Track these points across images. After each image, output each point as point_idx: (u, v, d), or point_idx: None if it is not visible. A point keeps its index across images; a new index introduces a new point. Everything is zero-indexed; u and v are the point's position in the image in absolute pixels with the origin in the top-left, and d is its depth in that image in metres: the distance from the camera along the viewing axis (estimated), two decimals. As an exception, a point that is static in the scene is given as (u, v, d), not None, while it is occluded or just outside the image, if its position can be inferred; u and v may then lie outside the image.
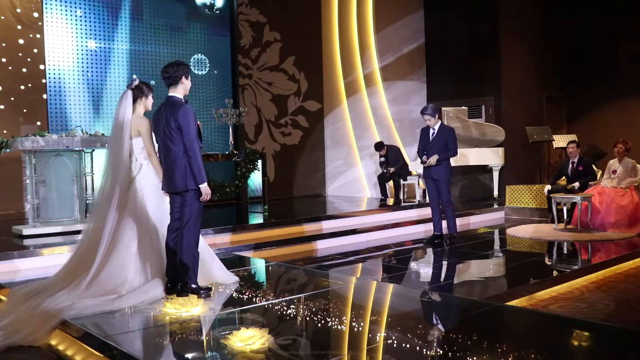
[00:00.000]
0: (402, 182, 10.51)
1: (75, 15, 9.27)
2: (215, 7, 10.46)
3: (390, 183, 10.91)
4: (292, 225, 7.64)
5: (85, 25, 9.36)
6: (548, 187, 8.60)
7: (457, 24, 11.92)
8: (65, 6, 9.21)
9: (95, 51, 9.49)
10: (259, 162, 9.98)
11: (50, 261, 5.51)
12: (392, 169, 10.38)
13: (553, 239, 7.58)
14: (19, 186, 8.38)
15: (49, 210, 6.66)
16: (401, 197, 10.55)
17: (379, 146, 10.57)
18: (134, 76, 9.44)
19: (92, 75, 9.46)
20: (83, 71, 9.37)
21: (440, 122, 7.18)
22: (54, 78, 9.09)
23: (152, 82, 4.75)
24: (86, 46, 9.39)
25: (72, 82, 9.27)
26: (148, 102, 4.69)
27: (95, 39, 9.48)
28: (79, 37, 9.33)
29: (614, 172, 8.20)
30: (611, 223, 7.83)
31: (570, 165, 8.50)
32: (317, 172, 12.01)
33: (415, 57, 12.57)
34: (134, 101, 4.60)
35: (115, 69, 9.67)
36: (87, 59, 9.40)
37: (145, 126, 4.52)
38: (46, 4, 9.04)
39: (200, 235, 4.57)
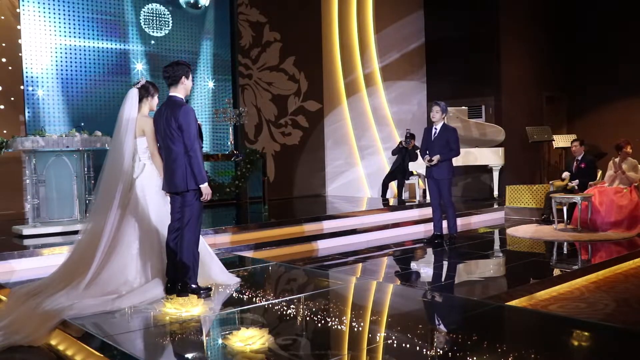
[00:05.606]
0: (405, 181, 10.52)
1: (57, 13, 9.12)
2: (200, 5, 10.39)
3: (393, 185, 10.89)
4: (292, 225, 7.64)
5: (69, 23, 9.24)
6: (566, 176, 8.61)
7: (457, 23, 11.92)
8: (45, 3, 9.03)
9: (82, 50, 9.36)
10: (259, 162, 9.99)
11: (50, 261, 5.49)
12: (412, 143, 10.20)
13: (553, 239, 7.58)
14: (19, 186, 8.38)
15: (49, 210, 6.67)
16: (404, 197, 10.56)
17: (412, 136, 10.37)
18: (141, 75, 9.40)
19: (81, 76, 9.35)
20: (66, 70, 9.21)
21: (443, 122, 7.20)
22: (32, 76, 8.93)
23: (143, 82, 4.72)
24: (70, 45, 9.22)
25: (54, 80, 9.09)
26: (153, 102, 4.70)
27: (82, 37, 9.36)
28: (61, 35, 9.16)
29: (618, 168, 8.19)
30: (611, 223, 7.82)
31: (575, 162, 8.51)
32: (317, 172, 12.01)
33: (415, 57, 12.57)
34: (140, 100, 4.60)
35: (104, 69, 9.58)
36: (72, 58, 9.26)
37: (150, 126, 4.52)
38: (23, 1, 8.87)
39: (201, 237, 4.57)
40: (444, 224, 7.33)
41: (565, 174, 8.57)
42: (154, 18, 9.98)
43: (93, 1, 9.47)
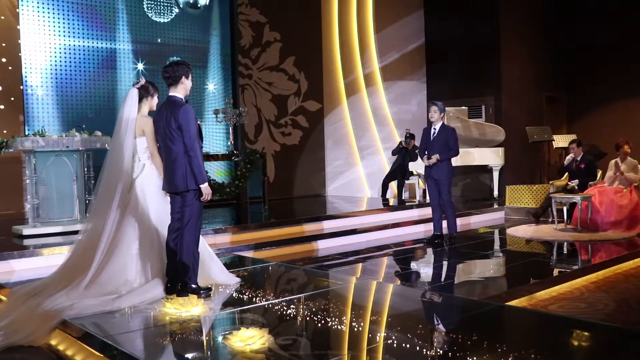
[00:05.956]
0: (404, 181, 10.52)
1: (56, 13, 9.10)
2: (199, 4, 10.39)
3: (393, 185, 10.89)
4: (292, 225, 7.64)
5: (69, 23, 9.22)
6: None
7: (457, 24, 11.92)
8: (43, 3, 9.01)
9: (78, 50, 9.33)
10: (259, 162, 9.99)
11: (50, 261, 5.50)
12: (412, 143, 10.20)
13: (553, 239, 7.58)
14: (19, 186, 8.38)
15: (49, 210, 6.66)
16: (404, 197, 10.56)
17: (411, 136, 10.36)
18: (141, 75, 9.40)
19: (81, 75, 9.33)
20: (66, 70, 9.20)
21: (442, 122, 7.20)
22: (32, 76, 8.94)
23: (143, 82, 4.73)
24: (69, 44, 9.21)
25: (54, 80, 9.09)
26: (153, 102, 4.69)
27: (82, 37, 9.34)
28: (61, 35, 9.15)
29: (617, 169, 8.19)
30: (611, 223, 7.82)
31: (574, 163, 8.52)
32: (317, 172, 12.01)
33: (415, 57, 12.57)
34: (140, 100, 4.59)
35: (104, 68, 9.56)
36: (72, 57, 9.24)
37: (150, 126, 4.52)
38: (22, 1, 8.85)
39: (201, 237, 4.57)
40: (444, 224, 7.33)
41: (569, 157, 8.57)
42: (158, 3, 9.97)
43: (93, 0, 9.47)
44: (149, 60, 9.92)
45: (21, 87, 8.86)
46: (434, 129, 7.14)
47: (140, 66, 9.86)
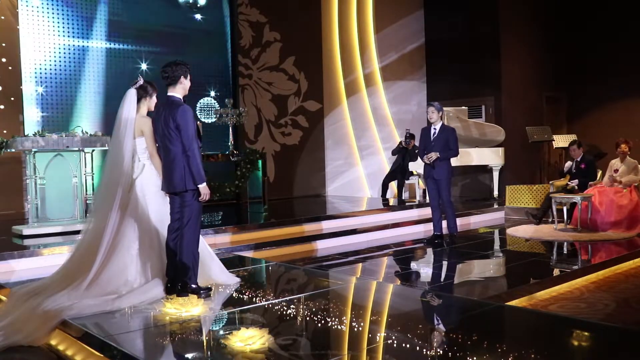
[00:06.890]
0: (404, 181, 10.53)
1: (54, 13, 9.11)
2: (199, 4, 10.40)
3: (393, 185, 10.89)
4: (292, 225, 7.64)
5: (65, 22, 9.23)
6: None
7: (457, 23, 11.92)
8: (43, 3, 9.02)
9: (78, 50, 9.33)
10: (259, 162, 9.99)
11: (50, 261, 5.50)
12: (412, 143, 10.20)
13: (553, 239, 7.58)
14: (19, 186, 8.38)
15: (49, 210, 6.67)
16: (404, 197, 10.56)
17: (411, 136, 10.36)
18: (139, 75, 9.38)
19: (81, 75, 9.33)
20: (64, 70, 9.20)
21: (441, 122, 7.20)
22: (32, 76, 8.96)
23: (141, 82, 4.71)
24: (68, 44, 9.22)
25: (54, 80, 9.11)
26: (152, 102, 4.67)
27: (81, 37, 9.36)
28: (58, 35, 9.16)
29: (616, 171, 8.20)
30: (611, 223, 7.82)
31: (574, 163, 8.52)
32: (317, 172, 12.01)
33: (415, 57, 12.57)
34: (138, 100, 4.58)
35: (104, 68, 9.56)
36: (68, 57, 9.24)
37: (148, 126, 4.51)
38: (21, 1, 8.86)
39: (201, 237, 4.57)
40: (444, 224, 7.33)
41: (568, 164, 8.61)
42: None
43: (93, 0, 9.47)
44: (150, 60, 9.91)
45: (21, 87, 8.86)
46: (434, 129, 7.14)
47: (144, 66, 9.85)
